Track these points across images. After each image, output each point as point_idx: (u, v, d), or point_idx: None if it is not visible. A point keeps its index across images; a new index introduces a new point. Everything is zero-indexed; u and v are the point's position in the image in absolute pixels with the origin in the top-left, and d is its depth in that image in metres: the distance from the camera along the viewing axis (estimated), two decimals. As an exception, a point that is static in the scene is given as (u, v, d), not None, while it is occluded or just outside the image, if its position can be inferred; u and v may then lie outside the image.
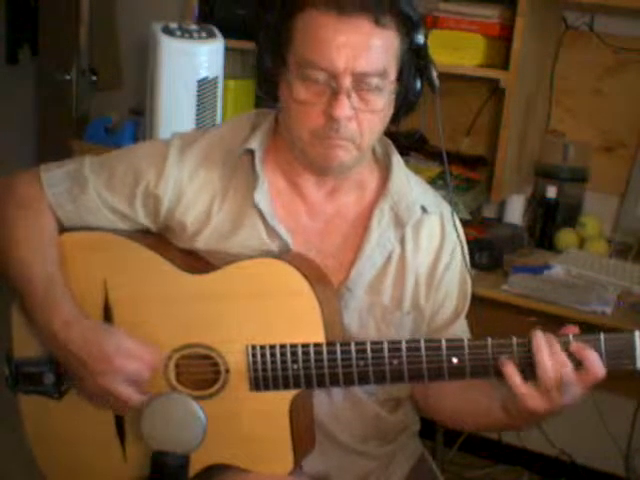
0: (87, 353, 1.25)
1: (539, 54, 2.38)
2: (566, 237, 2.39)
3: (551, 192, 2.42)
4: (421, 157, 2.49)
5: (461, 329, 1.43)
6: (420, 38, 1.28)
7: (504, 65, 2.28)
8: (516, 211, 2.49)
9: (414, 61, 1.29)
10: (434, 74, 1.32)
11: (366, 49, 1.21)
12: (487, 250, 2.19)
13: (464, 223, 1.45)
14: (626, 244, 2.37)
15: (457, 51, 2.30)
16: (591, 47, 2.43)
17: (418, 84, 1.31)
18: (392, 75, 1.26)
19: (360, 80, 1.22)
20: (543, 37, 2.38)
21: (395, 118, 1.33)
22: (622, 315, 1.97)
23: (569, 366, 1.16)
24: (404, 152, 2.42)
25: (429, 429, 2.66)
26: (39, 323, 1.30)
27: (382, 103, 1.26)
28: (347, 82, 1.22)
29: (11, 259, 1.33)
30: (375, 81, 1.23)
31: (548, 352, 1.16)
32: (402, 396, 1.46)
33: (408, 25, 1.26)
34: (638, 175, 2.43)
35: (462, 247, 1.43)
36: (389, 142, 1.43)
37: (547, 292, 2.03)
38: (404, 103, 1.32)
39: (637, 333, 1.15)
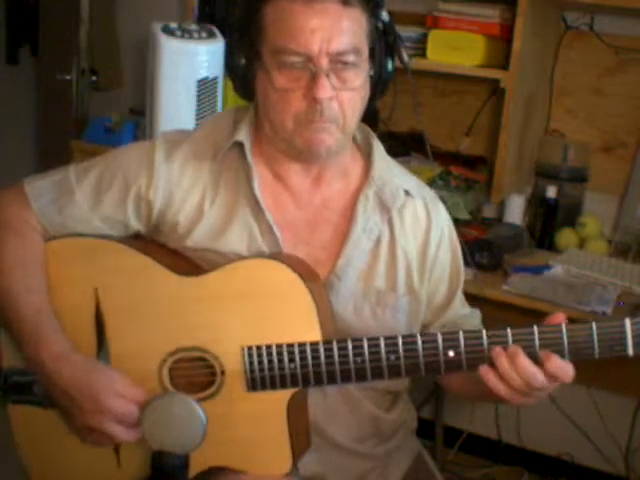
0: (77, 391, 1.24)
1: (539, 54, 2.38)
2: (566, 237, 2.39)
3: (551, 192, 2.42)
4: (421, 157, 2.49)
5: (459, 306, 1.46)
6: (385, 15, 1.32)
7: (504, 65, 2.28)
8: (516, 211, 2.49)
9: (382, 39, 1.32)
10: (403, 50, 1.36)
11: (338, 30, 1.24)
12: (487, 250, 2.18)
13: (464, 223, 1.45)
14: (626, 244, 2.37)
15: (457, 51, 2.30)
16: (591, 47, 2.43)
17: (389, 62, 1.34)
18: (365, 53, 1.29)
19: (336, 60, 1.25)
20: (543, 37, 2.38)
21: (372, 98, 1.35)
22: (622, 315, 1.97)
23: (538, 378, 1.18)
24: (404, 152, 2.45)
25: (429, 429, 2.66)
26: (27, 354, 1.29)
27: (359, 80, 1.29)
28: (324, 63, 1.24)
29: None
30: (351, 58, 1.26)
31: (508, 366, 1.18)
32: (399, 389, 1.47)
33: (372, 3, 1.29)
34: (638, 175, 2.42)
35: (449, 225, 1.47)
36: (368, 129, 1.45)
37: (547, 292, 2.03)
38: (379, 82, 1.34)
39: (628, 321, 1.19)
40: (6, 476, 1.79)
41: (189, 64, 2.26)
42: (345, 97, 1.27)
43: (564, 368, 1.18)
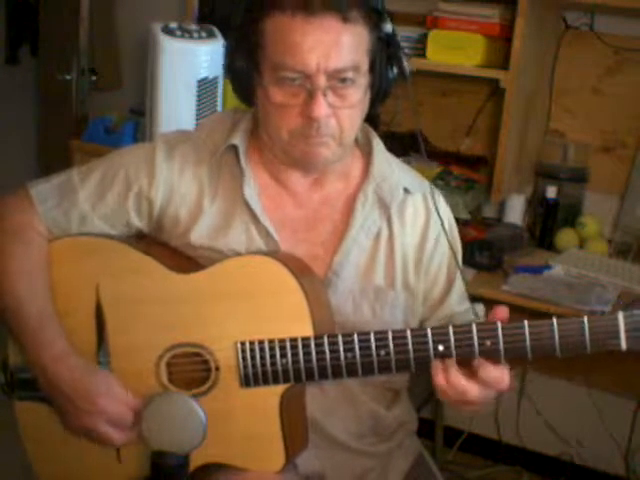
0: (74, 392, 1.27)
1: (539, 54, 2.38)
2: (566, 237, 2.39)
3: (551, 192, 2.42)
4: (421, 157, 2.49)
5: (456, 301, 1.45)
6: (388, 27, 1.31)
7: (504, 65, 2.29)
8: (516, 211, 2.49)
9: (384, 50, 1.31)
10: (405, 61, 1.34)
11: (336, 47, 1.23)
12: (487, 250, 2.18)
13: (464, 223, 1.46)
14: (626, 244, 2.37)
15: (457, 51, 2.30)
16: (591, 47, 2.43)
17: (390, 73, 1.33)
18: (364, 67, 1.28)
19: (334, 77, 1.24)
20: (543, 37, 2.38)
21: (371, 107, 1.35)
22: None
23: (470, 391, 1.19)
24: (404, 152, 2.45)
25: (429, 429, 2.66)
26: (29, 356, 1.31)
27: (358, 97, 1.28)
28: (321, 81, 1.23)
29: (1, 291, 1.34)
30: (350, 75, 1.25)
31: (444, 377, 1.20)
32: (399, 387, 1.47)
33: (375, 17, 1.28)
34: (638, 175, 2.43)
35: (448, 219, 1.46)
36: (368, 127, 1.45)
37: (547, 292, 2.03)
38: (379, 92, 1.33)
39: (621, 314, 1.17)
40: (11, 472, 1.80)
41: (189, 64, 2.26)
42: (343, 114, 1.27)
43: (497, 377, 1.18)
